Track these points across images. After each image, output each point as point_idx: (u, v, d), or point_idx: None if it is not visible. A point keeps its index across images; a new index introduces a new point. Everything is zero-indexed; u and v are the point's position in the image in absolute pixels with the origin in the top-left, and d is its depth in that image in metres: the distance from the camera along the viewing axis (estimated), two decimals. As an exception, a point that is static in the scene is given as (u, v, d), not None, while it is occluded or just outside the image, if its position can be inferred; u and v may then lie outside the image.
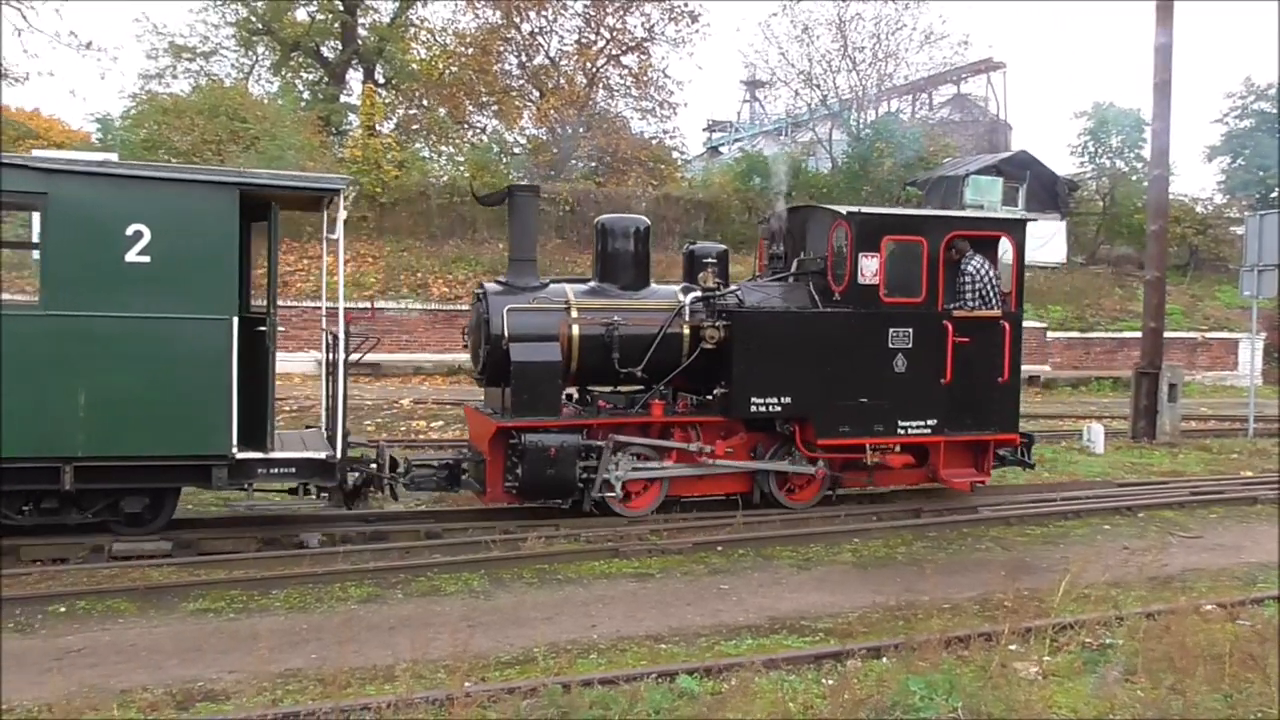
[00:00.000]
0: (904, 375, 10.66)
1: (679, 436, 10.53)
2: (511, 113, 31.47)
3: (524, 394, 9.96)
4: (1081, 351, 26.78)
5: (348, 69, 32.84)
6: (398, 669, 6.54)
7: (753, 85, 47.94)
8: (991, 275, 11.08)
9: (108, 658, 6.79)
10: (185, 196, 8.88)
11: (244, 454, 9.03)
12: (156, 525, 9.28)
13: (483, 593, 8.39)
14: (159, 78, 31.35)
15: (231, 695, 6.17)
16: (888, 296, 10.64)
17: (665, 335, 10.42)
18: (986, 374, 10.94)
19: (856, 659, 6.80)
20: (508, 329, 10.06)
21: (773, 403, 10.43)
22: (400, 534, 9.87)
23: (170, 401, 8.74)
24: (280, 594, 8.12)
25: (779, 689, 6.21)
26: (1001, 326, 10.98)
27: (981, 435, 11.07)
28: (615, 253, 10.81)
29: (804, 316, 10.70)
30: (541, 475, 9.85)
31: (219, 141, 24.25)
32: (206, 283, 8.85)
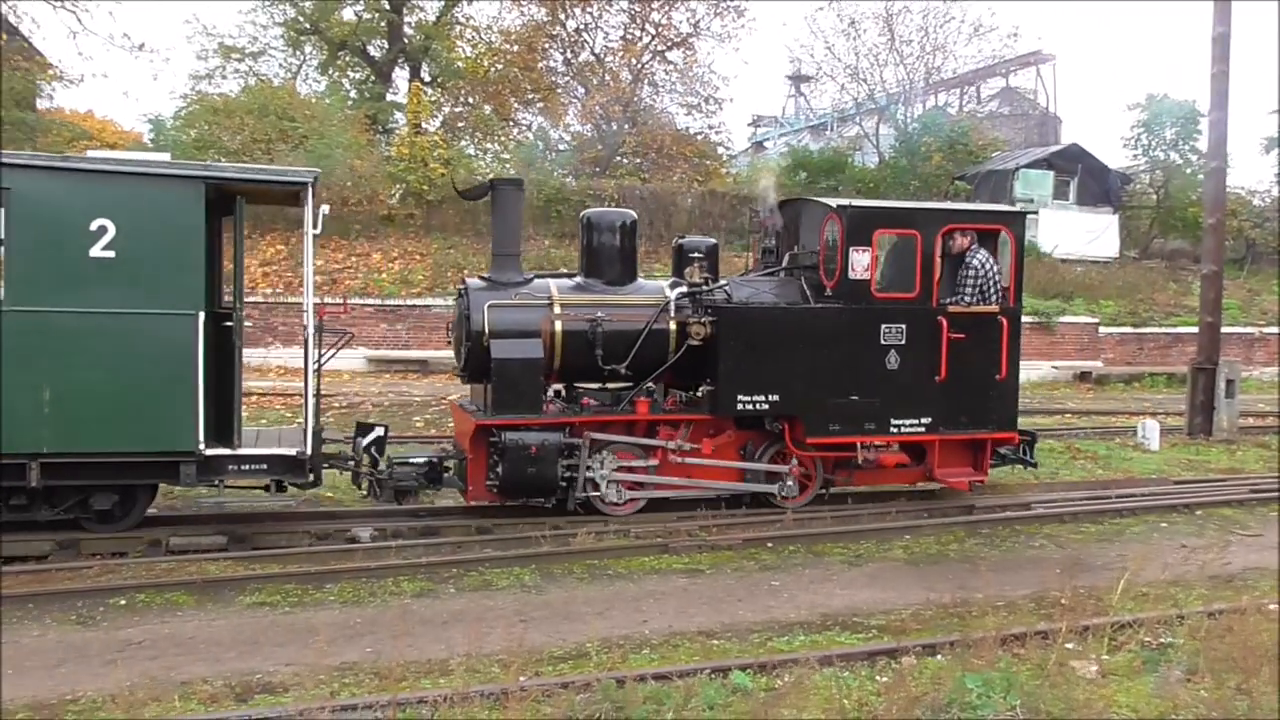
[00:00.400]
0: (897, 372, 10.41)
1: (664, 435, 10.37)
2: (557, 109, 31.54)
3: (505, 391, 9.86)
4: (1135, 347, 26.34)
5: (394, 68, 33.06)
6: (452, 663, 6.59)
7: (798, 80, 47.63)
8: (995, 270, 10.76)
9: (167, 650, 6.89)
10: (149, 190, 8.78)
11: (213, 450, 8.98)
12: (128, 523, 9.23)
13: (534, 588, 8.42)
14: (209, 78, 31.76)
15: (290, 688, 6.24)
16: (880, 291, 10.42)
17: (651, 332, 10.27)
18: (983, 371, 10.64)
19: (911, 656, 6.74)
20: (488, 325, 9.97)
21: (760, 400, 10.24)
22: (451, 529, 9.93)
23: (136, 397, 8.66)
24: (334, 588, 8.20)
25: (833, 686, 6.17)
26: (999, 322, 10.66)
27: (978, 434, 10.77)
28: (600, 248, 10.63)
29: (792, 312, 10.47)
30: (522, 474, 9.72)
31: (268, 141, 24.51)
32: (172, 277, 8.74)
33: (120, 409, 8.62)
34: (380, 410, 16.67)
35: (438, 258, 24.09)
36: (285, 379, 18.29)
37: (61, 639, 7.07)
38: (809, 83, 44.54)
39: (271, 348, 21.23)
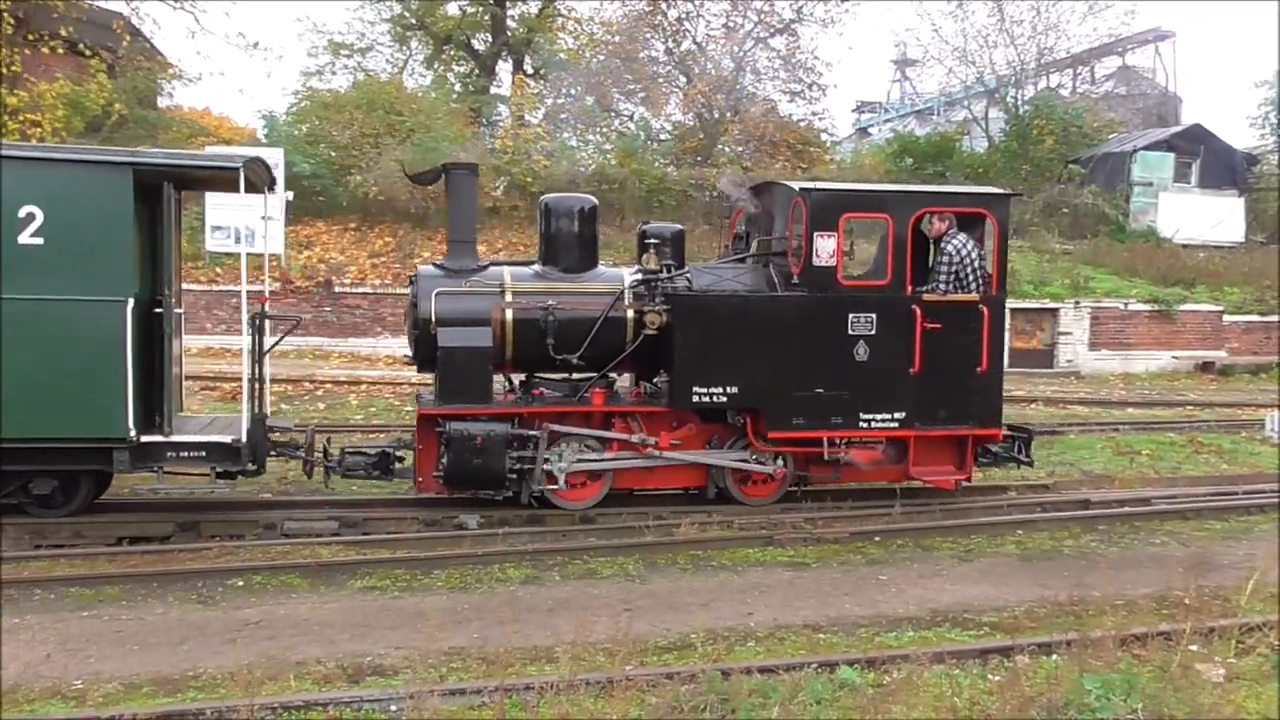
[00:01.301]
0: (866, 364, 9.85)
1: (620, 427, 10.07)
2: (658, 99, 31.49)
3: (451, 380, 9.69)
4: (1261, 336, 25.19)
5: (497, 60, 33.43)
6: (558, 650, 6.62)
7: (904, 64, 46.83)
8: (974, 256, 10.13)
9: (283, 631, 7.07)
10: (77, 177, 8.76)
11: (149, 437, 9.00)
12: (70, 508, 9.32)
13: (638, 577, 8.42)
14: (319, 74, 32.55)
15: (400, 671, 6.34)
16: (847, 279, 9.96)
17: (606, 320, 9.93)
18: (962, 364, 10.01)
19: (1025, 655, 6.53)
20: (435, 313, 9.76)
21: (717, 393, 9.79)
22: (556, 517, 9.98)
23: (66, 384, 8.66)
24: (442, 574, 8.32)
25: (944, 683, 6.03)
26: (979, 312, 10.02)
27: (957, 430, 10.16)
28: (558, 233, 10.27)
29: (751, 300, 10.02)
30: (468, 465, 9.52)
31: (376, 135, 24.99)
32: (101, 264, 8.69)
33: (51, 396, 8.64)
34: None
35: (540, 249, 24.26)
36: (394, 368, 18.59)
37: (183, 617, 7.31)
38: (915, 67, 43.74)
39: (380, 338, 21.68)
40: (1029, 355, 23.12)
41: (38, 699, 5.83)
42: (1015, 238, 26.09)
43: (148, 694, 5.95)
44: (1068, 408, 17.85)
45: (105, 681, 6.11)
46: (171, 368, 9.45)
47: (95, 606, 7.43)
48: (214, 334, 21.54)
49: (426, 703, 5.55)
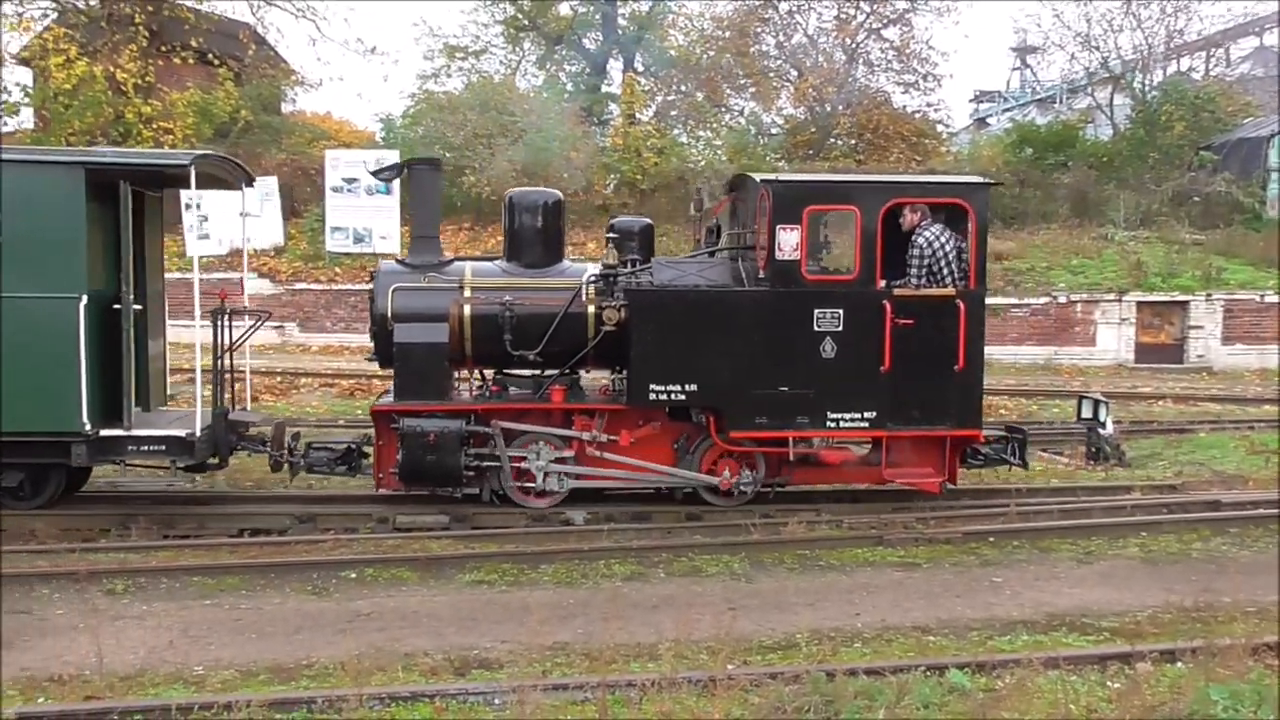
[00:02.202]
0: (833, 362, 9.44)
1: (580, 425, 9.88)
2: (769, 94, 31.23)
3: (407, 377, 9.63)
4: None
5: (608, 59, 33.60)
6: (661, 647, 6.60)
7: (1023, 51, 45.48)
8: (948, 248, 9.64)
9: (393, 623, 7.22)
10: (31, 177, 8.98)
11: (109, 431, 9.21)
12: (39, 501, 9.56)
13: (743, 575, 8.35)
14: (434, 77, 33.18)
15: (504, 664, 6.41)
16: (811, 273, 9.57)
17: (567, 316, 9.72)
18: (937, 361, 9.52)
19: (1147, 662, 6.26)
20: (392, 309, 9.71)
21: (675, 390, 9.49)
22: (663, 514, 9.98)
23: (23, 380, 8.86)
24: (548, 569, 8.38)
25: (1059, 690, 5.80)
26: (955, 307, 9.49)
27: (933, 431, 9.68)
28: (521, 229, 10.10)
29: (710, 295, 9.66)
30: (421, 462, 9.44)
31: (489, 135, 25.36)
32: (54, 262, 8.91)
33: (9, 391, 8.86)
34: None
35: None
36: None
37: (299, 607, 7.52)
38: (1035, 54, 42.44)
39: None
40: (1157, 350, 22.24)
41: (161, 683, 6.06)
42: (1143, 228, 25.15)
43: (263, 681, 6.13)
44: (1198, 404, 17.07)
45: (224, 668, 6.33)
46: (149, 363, 9.73)
47: (216, 595, 7.70)
48: (333, 332, 22.18)
49: (529, 697, 5.59)
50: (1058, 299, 22.97)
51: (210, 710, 5.45)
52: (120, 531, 9.32)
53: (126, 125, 24.30)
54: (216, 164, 10.27)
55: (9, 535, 9.17)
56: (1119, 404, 15.69)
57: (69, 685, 5.96)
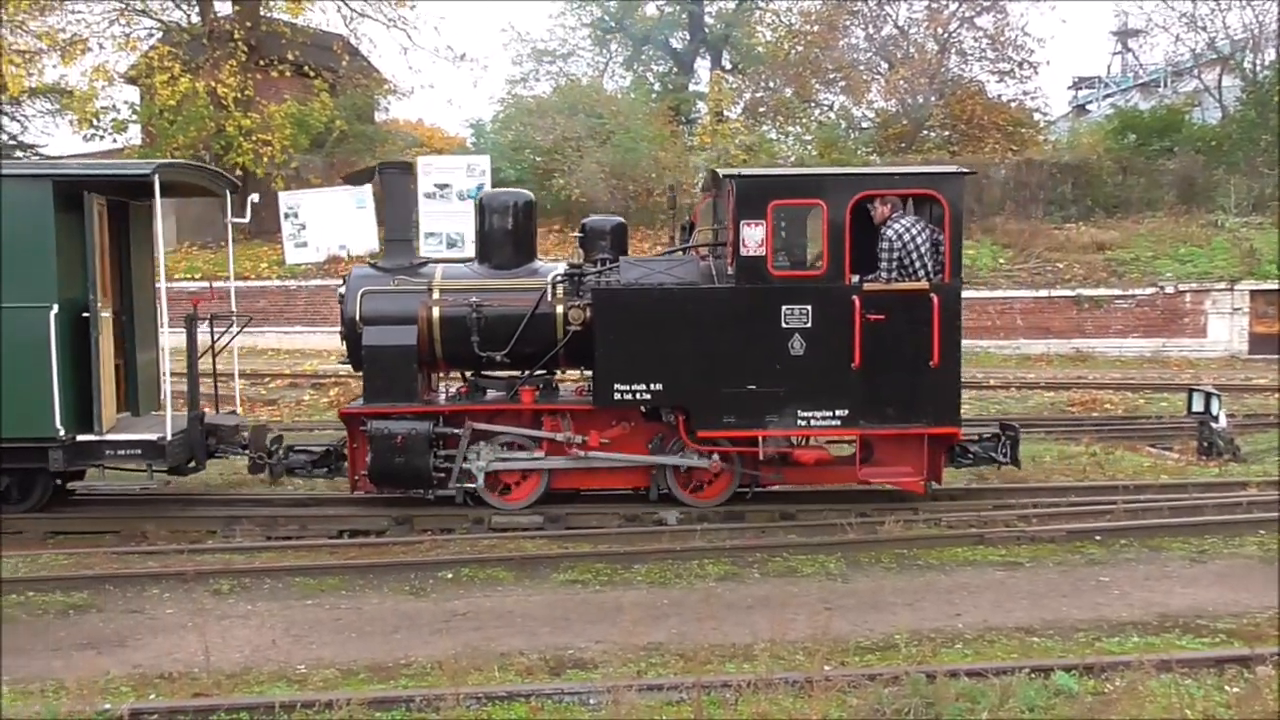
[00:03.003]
0: (803, 359, 9.21)
1: (550, 426, 9.76)
2: (859, 87, 30.86)
3: (376, 379, 9.63)
4: None
5: (695, 58, 33.58)
6: (756, 648, 6.53)
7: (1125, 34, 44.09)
8: (919, 241, 9.31)
9: (489, 622, 7.27)
10: (2, 191, 9.18)
11: (84, 436, 9.39)
12: (27, 505, 9.78)
13: (839, 575, 8.22)
14: (523, 81, 33.59)
15: (599, 664, 6.40)
16: (778, 269, 9.30)
17: (535, 317, 9.65)
18: (911, 357, 9.22)
19: (1268, 665, 5.98)
20: (361, 312, 9.73)
21: (640, 390, 9.34)
22: (756, 514, 9.88)
23: None
24: (641, 569, 8.36)
25: (1173, 694, 5.59)
26: (929, 301, 9.18)
27: (908, 429, 9.36)
28: (492, 230, 10.07)
29: (674, 294, 9.44)
30: (390, 463, 9.45)
31: (577, 138, 25.52)
32: (25, 273, 9.12)
33: None
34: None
35: (741, 243, 24.17)
36: None
37: (396, 607, 7.63)
38: (1137, 37, 41.13)
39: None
40: (1272, 341, 21.34)
41: (265, 681, 6.19)
42: (1255, 213, 24.17)
43: (363, 680, 6.23)
44: (1320, 396, 16.33)
45: (325, 667, 6.44)
46: (140, 370, 9.92)
47: (317, 595, 7.86)
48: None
49: (624, 697, 5.57)
50: (1164, 289, 22.23)
51: (312, 708, 5.55)
52: (225, 533, 9.58)
53: (227, 138, 25.05)
54: (192, 173, 10.40)
55: (123, 536, 9.50)
56: (1232, 397, 15.11)
57: (178, 682, 6.13)
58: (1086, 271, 22.92)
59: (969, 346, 21.82)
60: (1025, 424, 14.11)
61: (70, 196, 9.42)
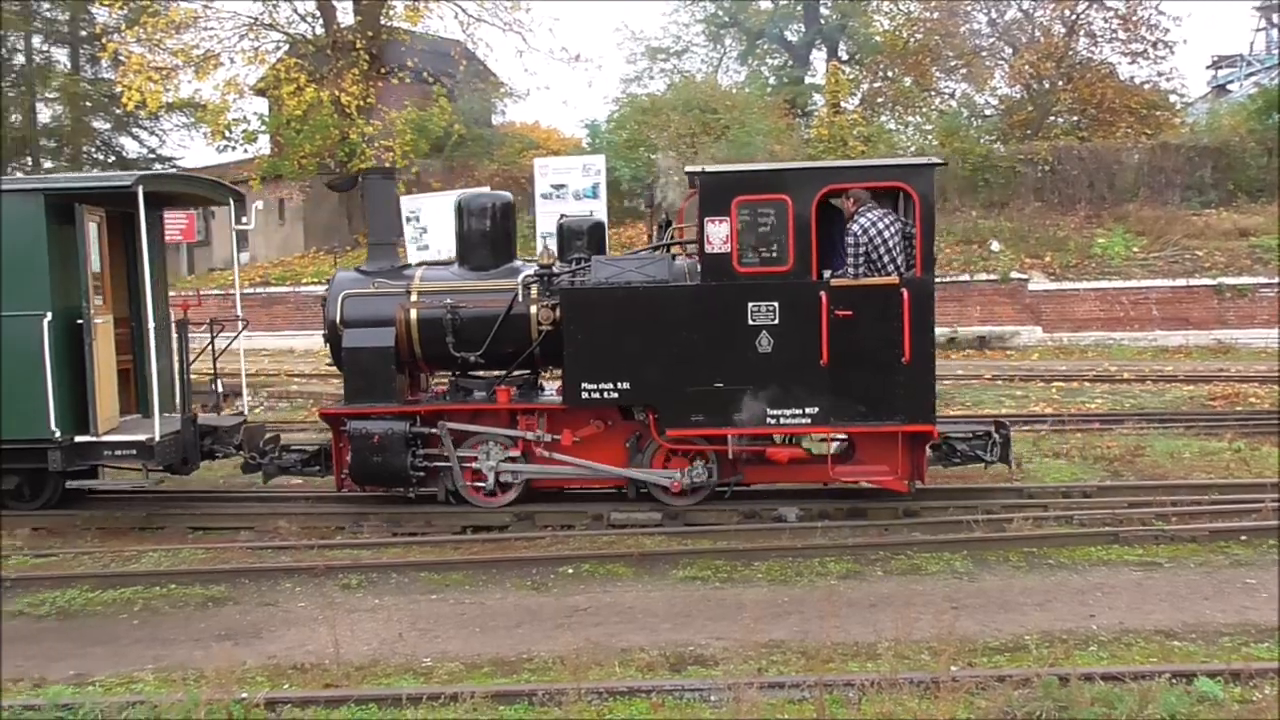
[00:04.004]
0: (770, 356, 9.02)
1: (524, 425, 9.76)
2: (981, 74, 30.06)
3: (356, 380, 9.78)
4: None
5: (811, 50, 33.20)
6: (880, 647, 6.40)
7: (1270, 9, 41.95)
8: (887, 235, 8.99)
9: (609, 618, 7.30)
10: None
11: (83, 438, 9.71)
12: (38, 503, 10.26)
13: (966, 574, 8.00)
14: (637, 80, 33.71)
15: (720, 661, 6.36)
16: (743, 266, 9.04)
17: (510, 317, 9.67)
18: (882, 354, 8.94)
19: None
20: (342, 315, 9.89)
21: (608, 389, 9.28)
22: (878, 511, 9.71)
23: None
24: (761, 566, 8.28)
25: (1328, 703, 5.27)
26: (899, 296, 8.85)
27: (881, 427, 9.07)
28: (470, 232, 10.13)
29: (639, 292, 9.33)
30: (369, 462, 9.59)
31: (692, 134, 25.50)
32: (20, 283, 9.51)
33: None
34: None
35: (858, 236, 23.82)
36: None
37: (519, 602, 7.72)
38: (1281, 11, 39.09)
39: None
40: None
41: (393, 673, 6.34)
42: None
43: (487, 673, 6.32)
44: None
45: (450, 660, 6.55)
46: (155, 376, 10.15)
47: (442, 590, 8.00)
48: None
49: (746, 695, 5.52)
50: (1316, 276, 21.09)
51: (438, 700, 5.65)
52: (353, 529, 9.84)
53: (351, 145, 25.78)
54: (187, 183, 10.69)
55: (257, 532, 9.85)
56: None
57: (309, 673, 6.32)
58: (1228, 259, 21.90)
59: (1099, 339, 21.20)
60: (1163, 419, 13.64)
61: (63, 209, 9.82)
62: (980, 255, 22.52)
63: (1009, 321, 21.87)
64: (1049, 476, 10.77)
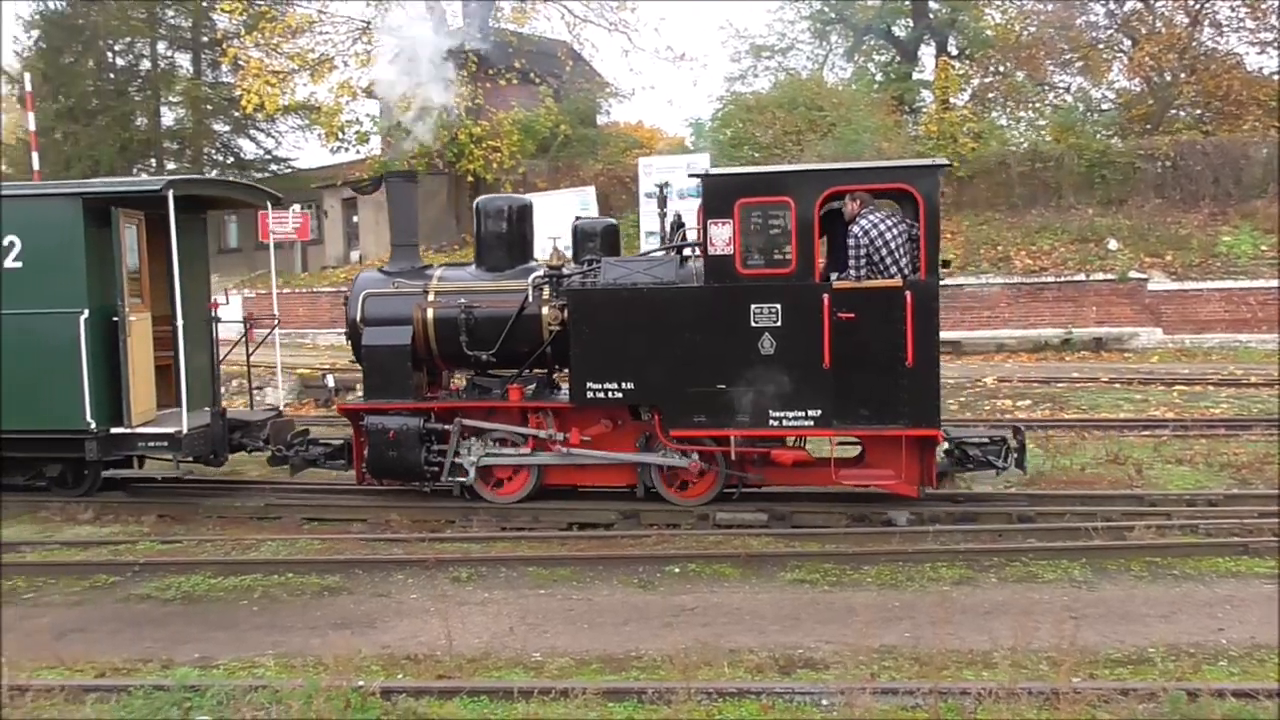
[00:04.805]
0: (773, 358, 9.05)
1: (535, 423, 9.98)
2: (1099, 67, 29.12)
3: (374, 377, 10.12)
4: None
5: (919, 45, 32.61)
6: (996, 655, 6.25)
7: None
8: (889, 237, 8.91)
9: (716, 618, 7.27)
10: (41, 208, 10.33)
11: (117, 429, 10.29)
12: (81, 490, 10.84)
13: (1084, 583, 7.77)
14: (742, 78, 33.51)
15: (830, 665, 6.29)
16: (746, 268, 9.05)
17: (522, 317, 9.91)
18: (884, 357, 8.86)
19: None
20: (362, 314, 10.24)
21: (612, 389, 9.41)
22: (990, 516, 9.49)
23: (40, 385, 10.20)
24: (871, 570, 8.16)
25: None
26: (901, 298, 8.75)
27: (884, 430, 8.98)
28: (487, 234, 10.42)
29: (642, 294, 9.38)
30: (384, 457, 9.94)
31: (798, 132, 25.25)
32: (60, 282, 10.14)
33: (31, 394, 10.24)
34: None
35: (969, 235, 23.33)
36: None
37: (626, 600, 7.74)
38: None
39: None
40: None
41: (503, 666, 6.41)
42: None
43: (595, 670, 6.34)
44: None
45: (559, 655, 6.60)
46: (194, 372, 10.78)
47: (550, 586, 8.07)
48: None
49: (858, 700, 5.46)
50: None
51: (549, 695, 5.70)
52: (463, 523, 9.99)
53: (459, 146, 26.18)
54: (223, 187, 11.23)
55: (369, 524, 10.06)
56: None
57: (423, 664, 6.43)
58: (1372, 258, 20.83)
59: (1224, 341, 20.36)
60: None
61: (100, 212, 10.35)
62: (1097, 254, 21.82)
63: (1127, 322, 21.15)
64: (1172, 483, 10.39)
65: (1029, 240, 22.88)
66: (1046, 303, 21.34)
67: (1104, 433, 12.80)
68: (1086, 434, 12.72)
